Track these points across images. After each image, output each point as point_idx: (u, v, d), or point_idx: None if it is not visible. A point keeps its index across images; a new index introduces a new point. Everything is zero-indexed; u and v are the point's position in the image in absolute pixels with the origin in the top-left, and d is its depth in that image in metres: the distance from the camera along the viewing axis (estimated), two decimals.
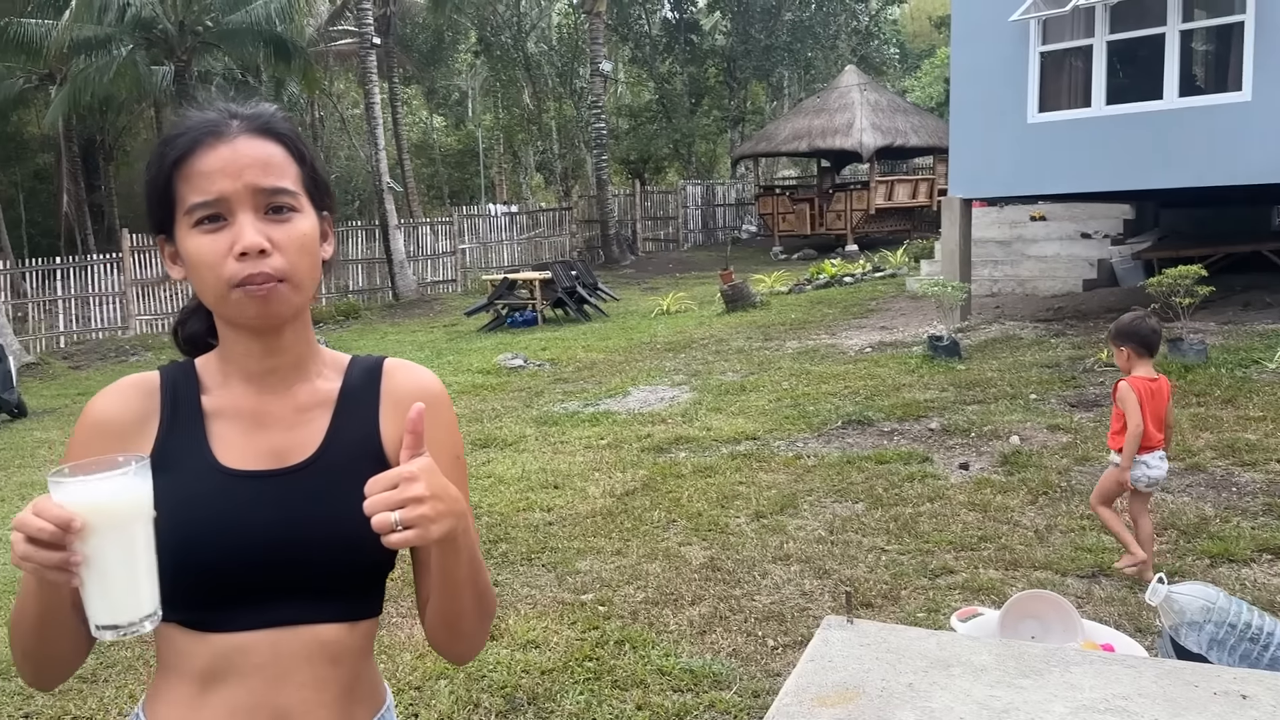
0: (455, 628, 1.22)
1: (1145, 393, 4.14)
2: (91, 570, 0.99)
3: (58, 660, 1.16)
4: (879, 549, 4.73)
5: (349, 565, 1.18)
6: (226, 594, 1.15)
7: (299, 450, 1.21)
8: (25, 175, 32.03)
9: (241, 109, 1.18)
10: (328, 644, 1.18)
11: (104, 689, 3.87)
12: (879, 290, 14.48)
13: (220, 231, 1.12)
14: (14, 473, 8.47)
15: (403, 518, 1.01)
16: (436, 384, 1.30)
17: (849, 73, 24.18)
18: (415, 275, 21.11)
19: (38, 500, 0.98)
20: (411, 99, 36.73)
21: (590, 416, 8.13)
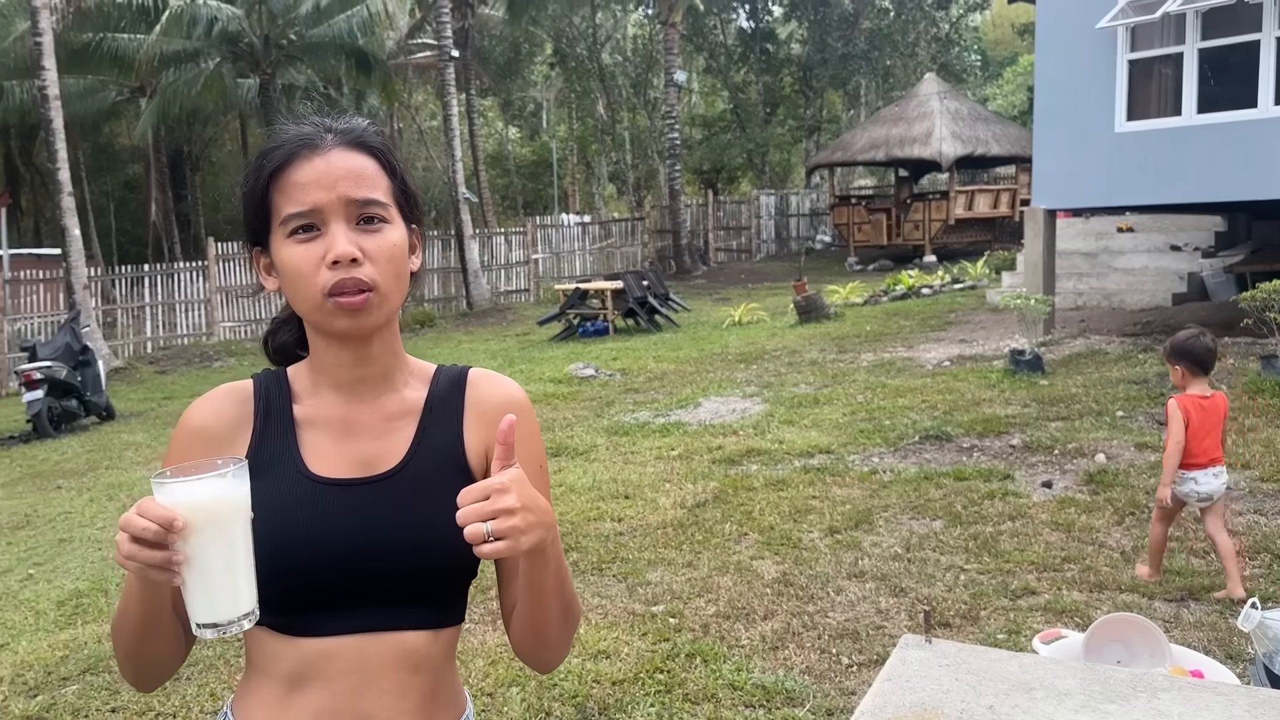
0: (541, 636, 1.23)
1: (1196, 410, 4.18)
2: (192, 569, 1.01)
3: (158, 661, 1.19)
4: (958, 568, 4.61)
5: (433, 573, 1.21)
6: (315, 599, 1.18)
7: (386, 459, 1.23)
8: (116, 185, 33.22)
9: (335, 123, 1.22)
10: (412, 651, 1.20)
11: (187, 687, 3.96)
12: (958, 302, 14.22)
13: (314, 241, 1.15)
14: (102, 474, 8.74)
15: (494, 529, 1.04)
16: (520, 394, 1.32)
17: (928, 81, 23.84)
18: (489, 284, 21.34)
19: (142, 501, 1.00)
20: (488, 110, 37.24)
21: (661, 427, 8.11)
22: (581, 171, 38.93)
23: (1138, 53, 10.27)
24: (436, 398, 1.28)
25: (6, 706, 3.95)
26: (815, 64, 29.68)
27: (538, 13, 27.01)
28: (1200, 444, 4.17)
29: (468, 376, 1.31)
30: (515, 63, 32.47)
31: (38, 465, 9.47)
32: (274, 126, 1.25)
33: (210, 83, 22.35)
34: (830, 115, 33.48)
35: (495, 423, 1.19)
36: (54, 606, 5.21)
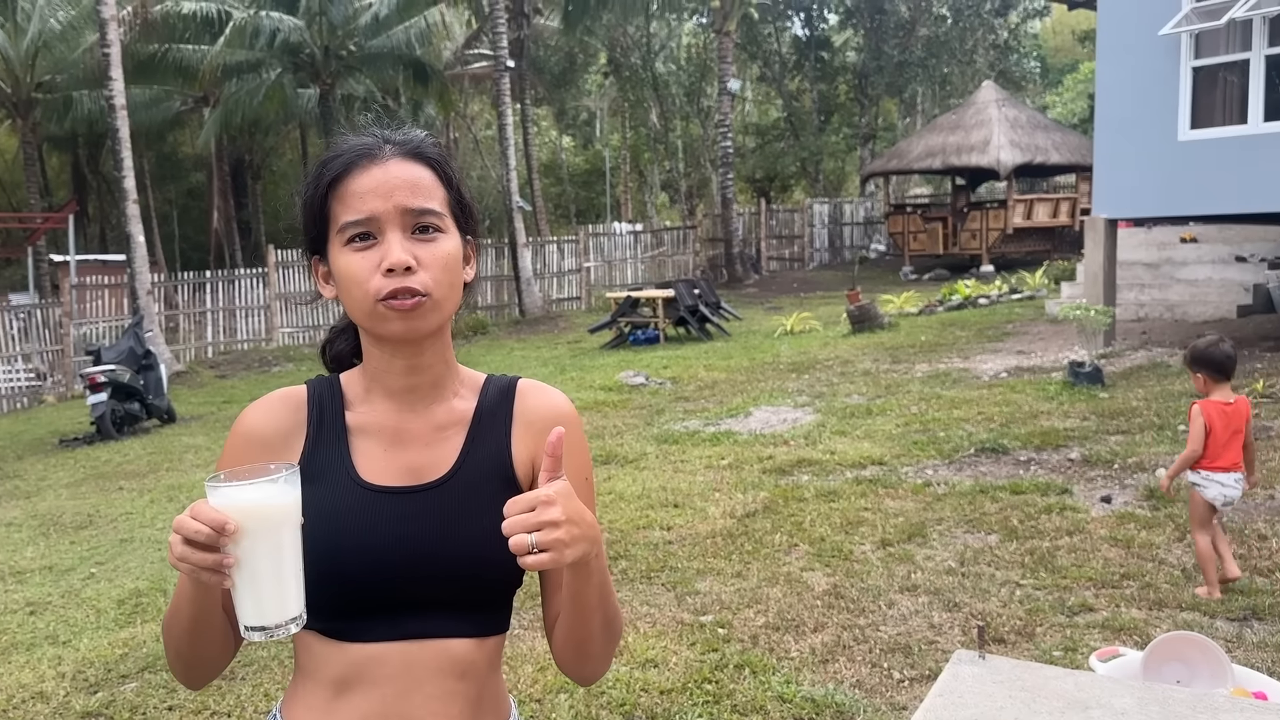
0: (583, 649, 1.24)
1: (1219, 416, 4.26)
2: (242, 572, 1.03)
3: (207, 661, 1.21)
4: (1013, 583, 4.53)
5: (479, 581, 1.22)
6: (363, 606, 1.19)
7: (435, 468, 1.24)
8: (179, 193, 34.02)
9: (394, 134, 1.24)
10: (457, 659, 1.21)
11: (241, 686, 4.02)
12: (1016, 313, 14.00)
13: (370, 249, 1.17)
14: (163, 475, 8.93)
15: (539, 540, 1.04)
16: (568, 406, 1.33)
17: (986, 88, 23.55)
18: (541, 292, 21.47)
19: (195, 504, 1.02)
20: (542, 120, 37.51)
21: (711, 436, 8.08)
22: (634, 180, 39.05)
23: (1202, 60, 10.05)
24: (485, 408, 1.29)
25: (68, 703, 4.05)
26: (871, 71, 29.48)
27: (592, 23, 27.16)
28: (1223, 449, 4.25)
29: (516, 387, 1.32)
30: (570, 72, 32.71)
31: (100, 466, 9.70)
32: (333, 136, 1.27)
33: (271, 93, 22.82)
34: (886, 123, 33.24)
35: (542, 434, 1.23)
36: (114, 605, 5.33)
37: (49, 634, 4.97)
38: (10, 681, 4.34)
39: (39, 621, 5.19)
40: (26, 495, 8.81)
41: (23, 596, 5.68)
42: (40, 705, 4.05)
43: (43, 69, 22.13)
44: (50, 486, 9.05)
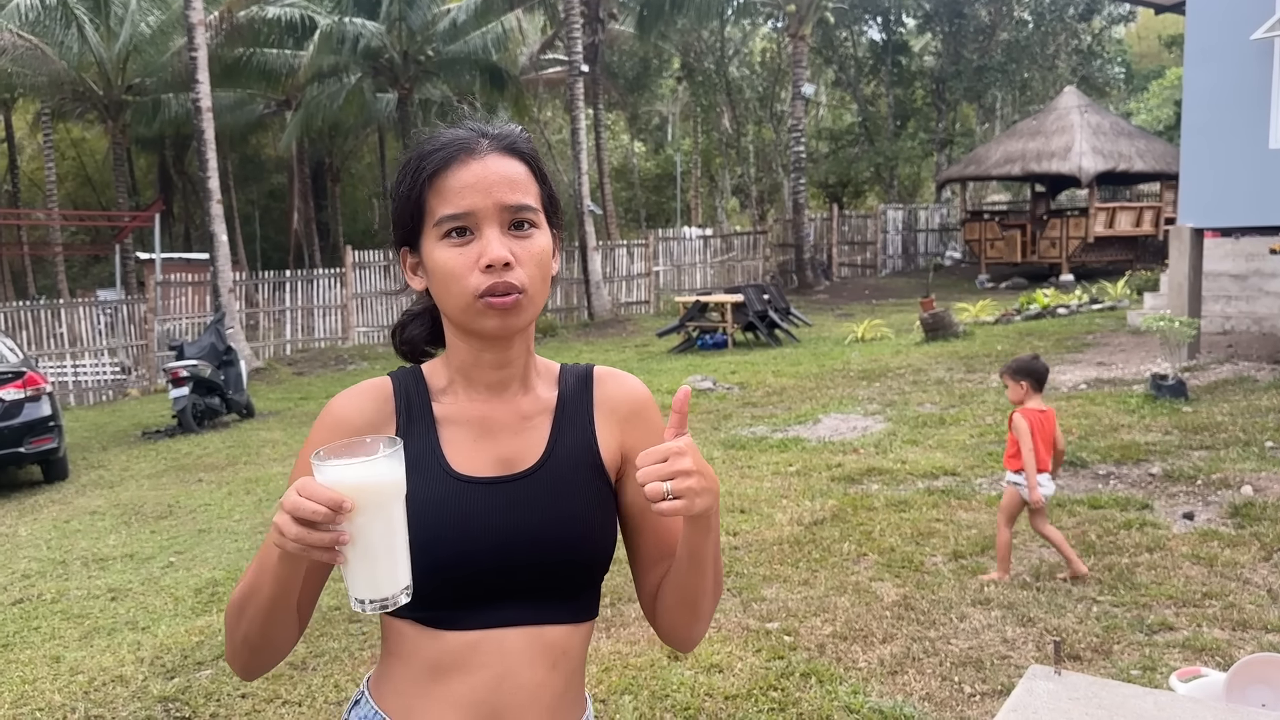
0: (696, 608, 1.26)
1: (1038, 422, 4.67)
2: (356, 548, 1.03)
3: (275, 647, 1.21)
4: (1090, 599, 4.41)
5: (572, 567, 1.24)
6: (459, 595, 1.21)
7: (524, 458, 1.26)
8: (261, 194, 34.87)
9: (490, 128, 1.24)
10: (551, 644, 1.23)
11: (312, 677, 4.09)
12: (1096, 324, 13.65)
13: (468, 245, 1.18)
14: (241, 469, 9.15)
15: (674, 488, 1.08)
16: (644, 390, 1.36)
17: (1068, 94, 23.03)
18: (610, 296, 21.55)
19: (303, 483, 1.02)
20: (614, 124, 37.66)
21: (779, 442, 8.01)
22: (705, 185, 39.00)
23: None
24: (567, 397, 1.31)
25: (146, 687, 4.16)
26: (949, 76, 29.03)
27: (667, 27, 27.20)
28: (1042, 452, 4.67)
29: (594, 375, 1.35)
30: (643, 77, 32.79)
31: (181, 459, 9.97)
32: (428, 130, 1.29)
33: (351, 97, 23.29)
34: (963, 129, 32.70)
35: (625, 419, 1.32)
36: (192, 594, 5.47)
37: (129, 620, 5.12)
38: (92, 664, 4.48)
39: (120, 607, 5.35)
40: (110, 485, 9.10)
41: (105, 583, 5.86)
42: (120, 688, 4.17)
43: (133, 72, 22.85)
44: (132, 477, 9.33)
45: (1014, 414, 4.74)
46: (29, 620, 5.27)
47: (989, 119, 32.61)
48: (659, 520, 1.30)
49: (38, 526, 7.67)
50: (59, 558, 6.59)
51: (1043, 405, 4.79)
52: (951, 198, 28.33)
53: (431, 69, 22.96)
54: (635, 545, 1.34)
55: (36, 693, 4.21)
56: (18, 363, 9.68)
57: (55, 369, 16.15)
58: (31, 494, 9.13)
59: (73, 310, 17.44)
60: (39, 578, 6.15)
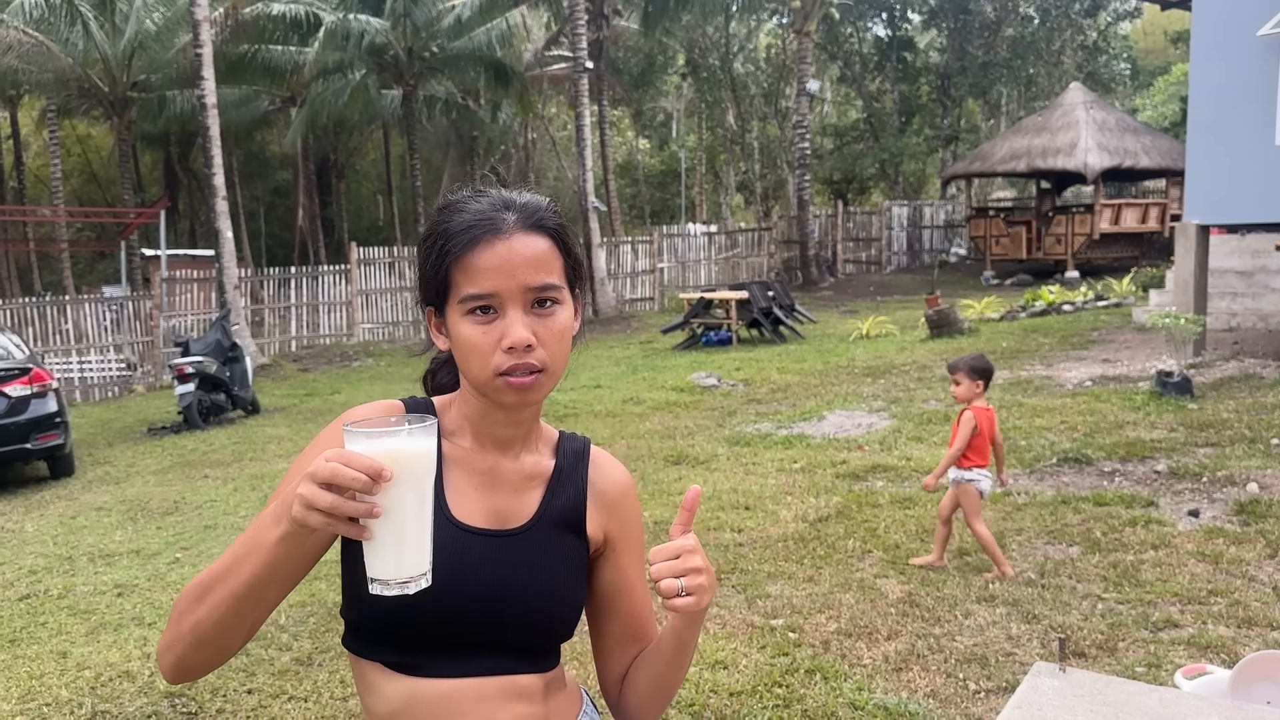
0: (669, 693, 1.34)
1: (985, 420, 4.84)
2: (386, 522, 1.01)
3: (221, 644, 1.16)
4: (1094, 596, 4.41)
5: (545, 626, 1.28)
6: (437, 642, 1.22)
7: (517, 515, 1.29)
8: (266, 190, 34.91)
9: (516, 198, 1.24)
10: (524, 689, 1.26)
11: (318, 673, 4.10)
12: (1101, 320, 13.63)
13: (491, 323, 1.19)
14: (247, 465, 9.16)
15: (686, 585, 1.14)
16: (630, 479, 1.41)
17: (1074, 90, 22.97)
18: (614, 292, 21.55)
19: (338, 453, 1.00)
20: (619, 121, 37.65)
21: (783, 439, 8.02)
22: (709, 181, 38.97)
23: None
24: (564, 467, 1.34)
25: (152, 683, 4.17)
26: (954, 72, 28.97)
27: (671, 23, 27.17)
28: (985, 448, 4.84)
29: (590, 454, 1.38)
30: (648, 73, 32.77)
31: (187, 455, 9.99)
32: (455, 197, 1.27)
33: (356, 93, 23.27)
34: (968, 125, 32.64)
35: (612, 504, 1.36)
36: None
37: (135, 615, 5.13)
38: (99, 660, 4.50)
39: (126, 603, 5.37)
40: (116, 481, 9.12)
41: (111, 578, 5.88)
42: (126, 684, 4.19)
43: (138, 69, 22.87)
44: (138, 473, 9.35)
45: (966, 410, 4.86)
46: (36, 616, 5.28)
47: (994, 115, 32.55)
48: (631, 605, 1.36)
49: (44, 522, 7.69)
50: (65, 554, 6.60)
51: (985, 404, 4.94)
52: (957, 194, 28.29)
53: (436, 65, 22.94)
54: (604, 628, 1.37)
55: (44, 688, 4.22)
56: (24, 359, 9.70)
57: (61, 365, 16.19)
58: (38, 490, 9.16)
59: (78, 307, 17.48)
60: (46, 573, 6.16)
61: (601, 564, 1.35)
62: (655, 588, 1.15)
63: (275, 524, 1.07)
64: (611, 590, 1.35)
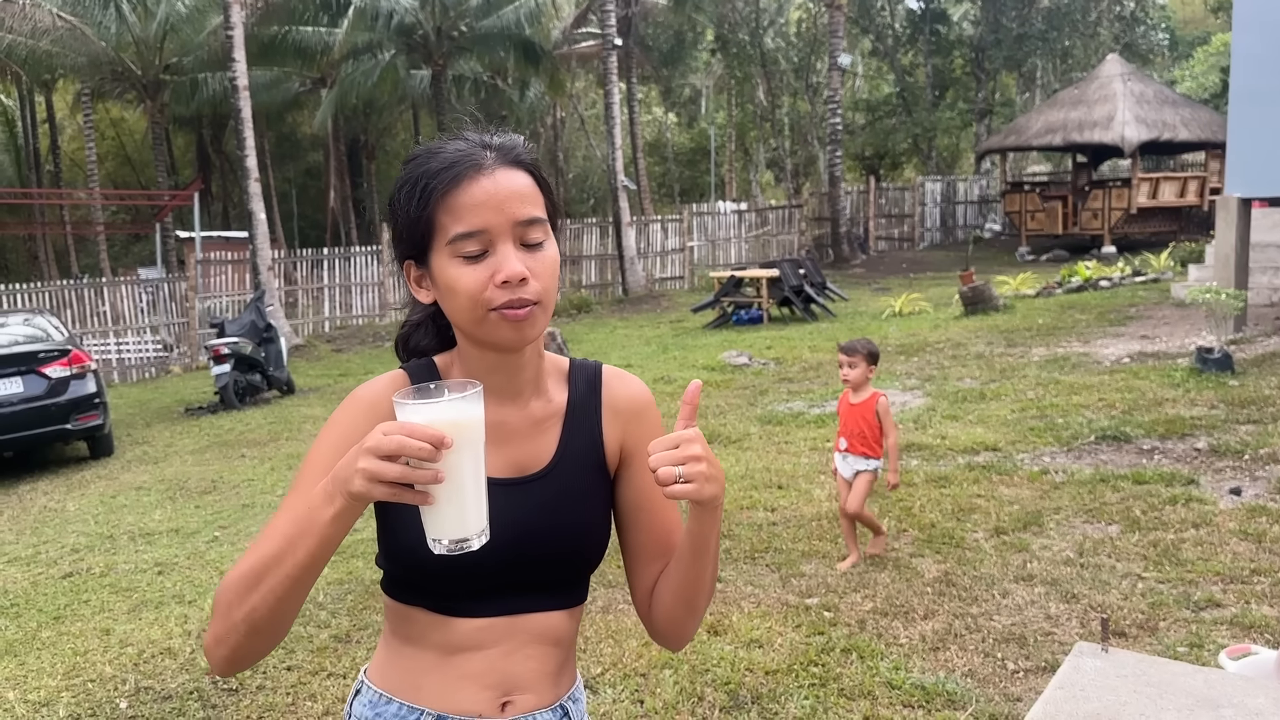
0: (694, 603, 1.31)
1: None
2: (448, 485, 1.05)
3: (277, 628, 1.17)
4: (1135, 575, 4.35)
5: (575, 563, 1.31)
6: (472, 588, 1.26)
7: (535, 461, 1.30)
8: (298, 172, 35.13)
9: (493, 139, 1.24)
10: (553, 627, 1.31)
11: (356, 649, 4.14)
12: (1139, 296, 13.43)
13: (481, 261, 1.18)
14: (283, 444, 9.26)
15: (685, 473, 1.12)
16: (647, 392, 1.41)
17: (1111, 62, 22.57)
18: (644, 271, 21.51)
19: (398, 425, 1.03)
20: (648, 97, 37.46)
21: (815, 418, 7.98)
22: (739, 158, 38.75)
23: None
24: (577, 400, 1.35)
25: (193, 659, 4.23)
26: (988, 45, 28.55)
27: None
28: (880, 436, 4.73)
29: (602, 376, 1.38)
30: (677, 49, 32.55)
31: (224, 435, 10.11)
32: (425, 144, 1.25)
33: (385, 74, 23.32)
34: (1003, 98, 32.17)
35: (628, 419, 1.36)
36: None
37: (176, 593, 5.21)
38: (141, 637, 4.57)
39: (167, 581, 5.45)
40: (154, 461, 9.25)
41: (151, 557, 5.96)
42: (168, 660, 4.25)
43: (170, 52, 23.04)
44: (176, 453, 9.48)
45: (880, 397, 4.69)
46: (79, 593, 5.37)
47: (1029, 88, 32.06)
48: (656, 516, 1.36)
49: (85, 502, 7.82)
50: (107, 532, 6.71)
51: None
52: (991, 169, 27.94)
53: (465, 44, 22.92)
54: (631, 541, 1.38)
55: (88, 664, 4.30)
56: (63, 341, 9.84)
57: (99, 347, 16.41)
58: (78, 470, 9.30)
59: (115, 289, 17.70)
60: (88, 551, 6.27)
61: (621, 479, 1.36)
62: (654, 477, 1.13)
63: (329, 503, 1.08)
64: (633, 505, 1.36)
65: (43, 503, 8.01)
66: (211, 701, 3.82)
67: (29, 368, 9.15)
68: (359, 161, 33.02)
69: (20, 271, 28.84)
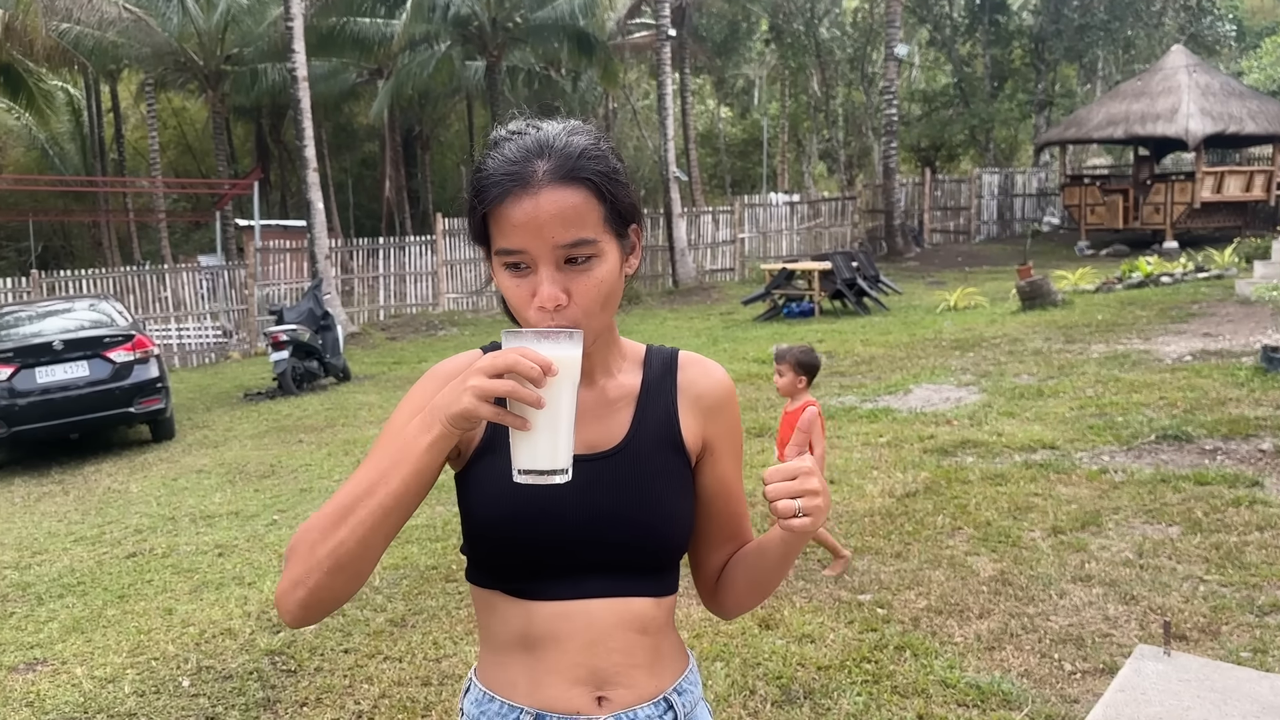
0: (765, 593, 1.38)
1: None
2: (547, 413, 1.09)
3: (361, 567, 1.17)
4: (1196, 578, 4.27)
5: (652, 544, 1.29)
6: (546, 568, 1.25)
7: (608, 439, 1.30)
8: (354, 162, 35.51)
9: (553, 141, 1.19)
10: (637, 615, 1.28)
11: (411, 634, 4.20)
12: (1202, 292, 13.13)
13: (524, 277, 1.19)
14: (339, 430, 9.39)
15: (803, 506, 1.15)
16: (728, 380, 1.40)
17: (1175, 53, 22.05)
18: (695, 263, 21.46)
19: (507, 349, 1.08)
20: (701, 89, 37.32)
21: (868, 413, 7.91)
22: (791, 150, 38.47)
23: None
24: (651, 381, 1.35)
25: (253, 640, 4.32)
26: (1049, 35, 28.02)
27: None
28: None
29: (678, 360, 1.38)
30: (731, 40, 32.38)
31: (281, 420, 10.28)
32: (496, 135, 1.24)
33: (441, 65, 23.49)
34: (1063, 90, 31.57)
35: (709, 409, 1.36)
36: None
37: (236, 575, 5.32)
38: (202, 617, 4.67)
39: (227, 563, 5.56)
40: (214, 445, 9.44)
41: (212, 539, 6.09)
42: (229, 641, 4.34)
43: (231, 42, 23.40)
44: (236, 437, 9.66)
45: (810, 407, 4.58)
46: (142, 573, 5.51)
47: (1090, 79, 31.44)
48: (728, 507, 1.38)
49: (148, 484, 8.00)
50: (168, 514, 6.87)
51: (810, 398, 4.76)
52: (1050, 161, 27.45)
53: (519, 35, 23.00)
54: (703, 527, 1.39)
55: (151, 642, 4.41)
56: (126, 326, 10.06)
57: (161, 332, 16.77)
58: (141, 452, 9.53)
59: (176, 275, 18.07)
60: (150, 533, 6.42)
61: (701, 468, 1.36)
62: (771, 508, 1.16)
63: (426, 431, 1.12)
64: (710, 494, 1.37)
65: (107, 484, 8.22)
66: (271, 682, 3.90)
67: (94, 352, 9.37)
68: (414, 152, 33.30)
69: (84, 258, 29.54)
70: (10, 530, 6.94)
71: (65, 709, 3.82)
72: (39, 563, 5.95)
